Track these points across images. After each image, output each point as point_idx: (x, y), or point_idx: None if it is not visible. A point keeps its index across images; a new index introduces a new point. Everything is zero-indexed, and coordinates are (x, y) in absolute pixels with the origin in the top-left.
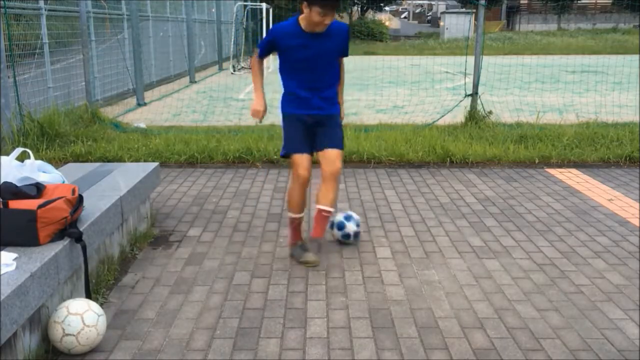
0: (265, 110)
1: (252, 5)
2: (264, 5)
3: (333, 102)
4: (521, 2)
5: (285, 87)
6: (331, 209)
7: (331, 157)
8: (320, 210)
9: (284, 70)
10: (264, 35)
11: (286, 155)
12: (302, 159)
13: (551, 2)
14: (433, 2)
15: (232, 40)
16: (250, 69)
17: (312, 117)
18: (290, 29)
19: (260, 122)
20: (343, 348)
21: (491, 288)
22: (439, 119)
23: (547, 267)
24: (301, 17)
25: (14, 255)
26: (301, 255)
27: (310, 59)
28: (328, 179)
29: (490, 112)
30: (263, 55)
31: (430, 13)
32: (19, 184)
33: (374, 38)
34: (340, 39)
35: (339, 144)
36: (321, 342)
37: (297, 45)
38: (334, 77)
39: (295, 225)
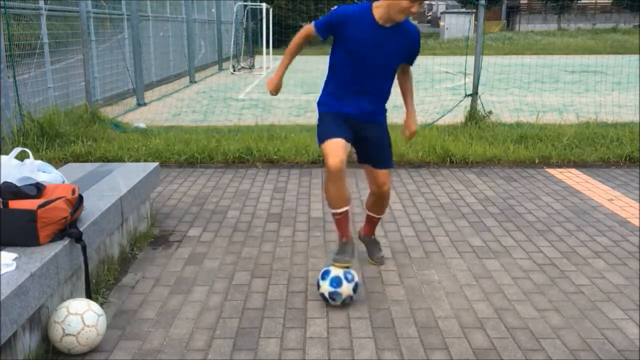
0: (277, 85)
1: (252, 5)
2: (264, 5)
3: (381, 112)
4: (521, 2)
5: (328, 86)
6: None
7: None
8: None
9: (337, 63)
10: (264, 35)
11: None
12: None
13: (551, 2)
14: (433, 2)
15: (232, 40)
16: (249, 69)
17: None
18: (361, 15)
19: (275, 94)
20: (343, 348)
21: (491, 288)
22: (438, 119)
23: (547, 267)
24: (377, 5)
25: (14, 255)
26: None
27: (373, 57)
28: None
29: (490, 112)
30: (321, 31)
31: (430, 13)
32: (18, 184)
33: None
34: (410, 40)
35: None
36: (321, 342)
37: (364, 37)
38: (388, 84)
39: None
